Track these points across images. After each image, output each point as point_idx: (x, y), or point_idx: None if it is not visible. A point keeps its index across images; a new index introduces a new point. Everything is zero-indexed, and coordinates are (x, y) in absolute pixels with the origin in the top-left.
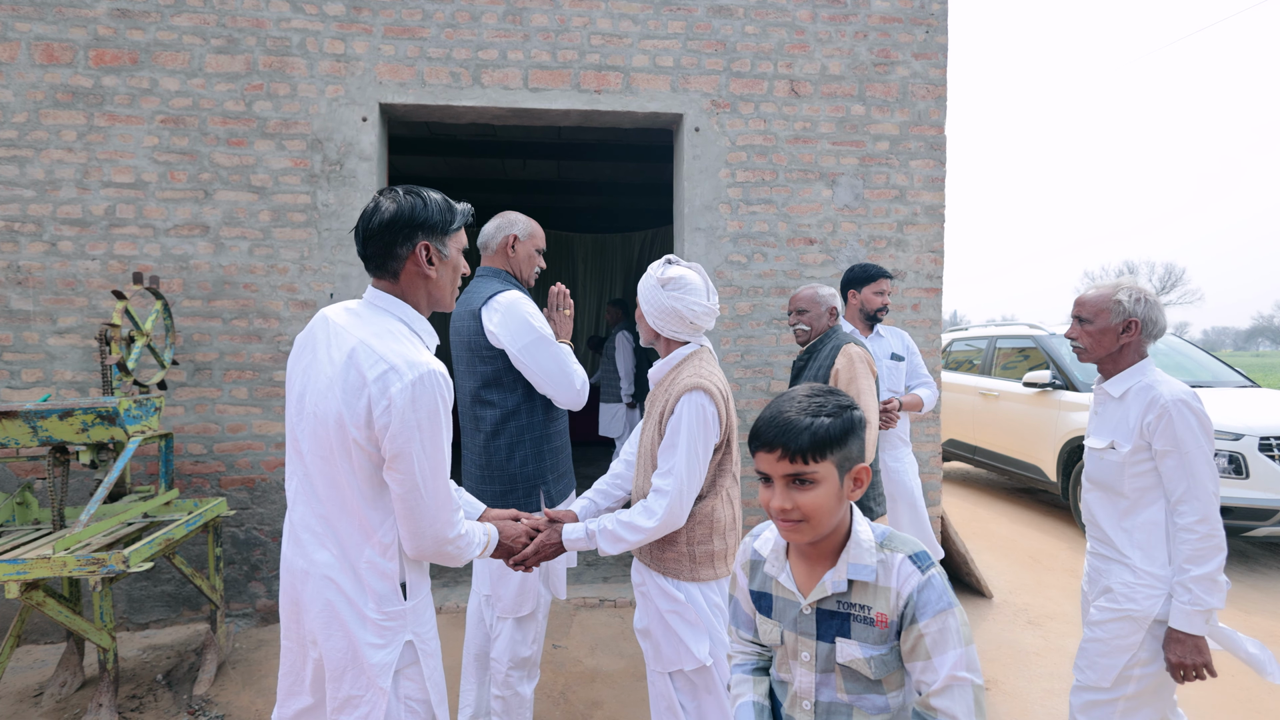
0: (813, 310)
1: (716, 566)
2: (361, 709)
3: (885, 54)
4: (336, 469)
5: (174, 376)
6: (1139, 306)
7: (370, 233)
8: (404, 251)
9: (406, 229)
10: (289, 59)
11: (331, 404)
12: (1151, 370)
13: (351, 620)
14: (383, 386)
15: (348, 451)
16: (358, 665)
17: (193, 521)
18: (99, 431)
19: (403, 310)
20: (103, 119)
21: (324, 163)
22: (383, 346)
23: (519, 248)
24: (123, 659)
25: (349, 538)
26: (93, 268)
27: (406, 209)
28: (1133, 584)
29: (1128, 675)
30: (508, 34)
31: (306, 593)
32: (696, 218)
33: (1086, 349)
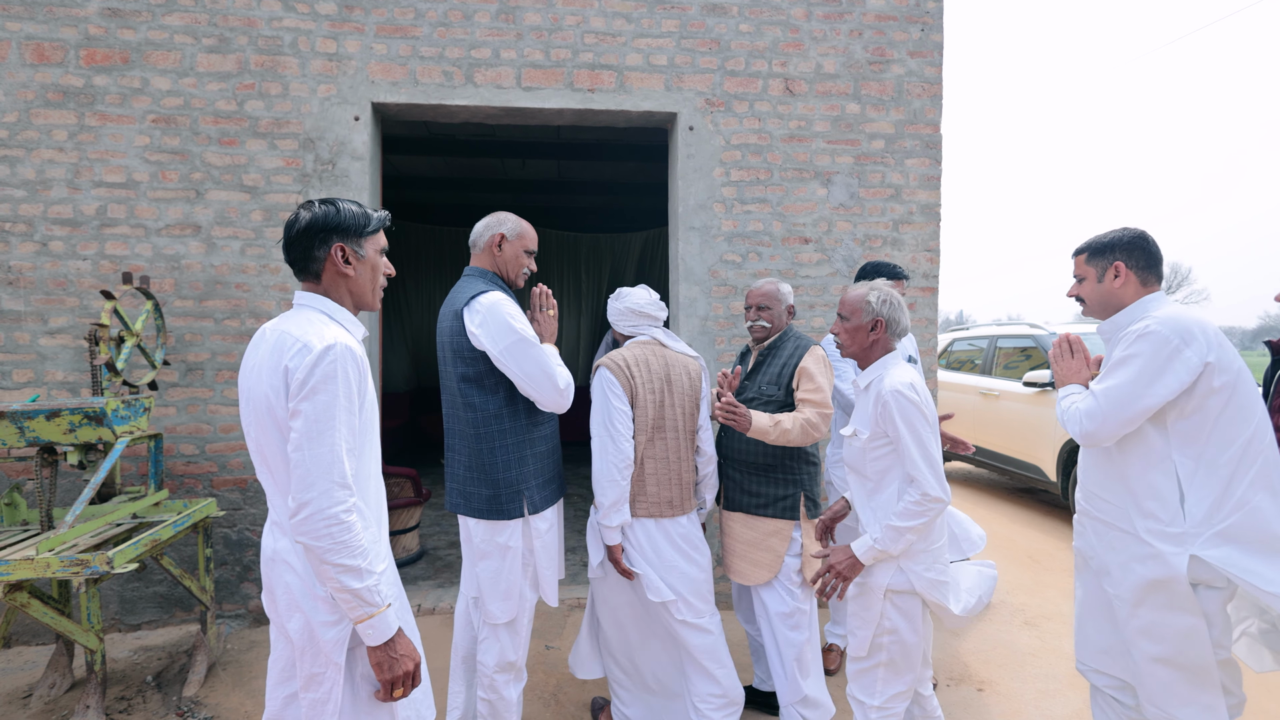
0: (775, 307)
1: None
2: (324, 686)
3: (880, 52)
4: (276, 452)
5: (166, 377)
6: (884, 308)
7: (291, 240)
8: (321, 254)
9: (322, 233)
10: (281, 58)
11: (260, 388)
12: (892, 364)
13: (304, 599)
14: (298, 361)
15: (280, 431)
16: (314, 643)
17: (181, 522)
18: (86, 432)
19: (323, 303)
20: (94, 119)
21: (316, 162)
22: (299, 330)
23: (505, 247)
24: (113, 660)
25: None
26: (84, 268)
27: (320, 215)
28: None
29: (879, 644)
30: (500, 33)
31: (274, 578)
32: (691, 217)
33: (845, 344)
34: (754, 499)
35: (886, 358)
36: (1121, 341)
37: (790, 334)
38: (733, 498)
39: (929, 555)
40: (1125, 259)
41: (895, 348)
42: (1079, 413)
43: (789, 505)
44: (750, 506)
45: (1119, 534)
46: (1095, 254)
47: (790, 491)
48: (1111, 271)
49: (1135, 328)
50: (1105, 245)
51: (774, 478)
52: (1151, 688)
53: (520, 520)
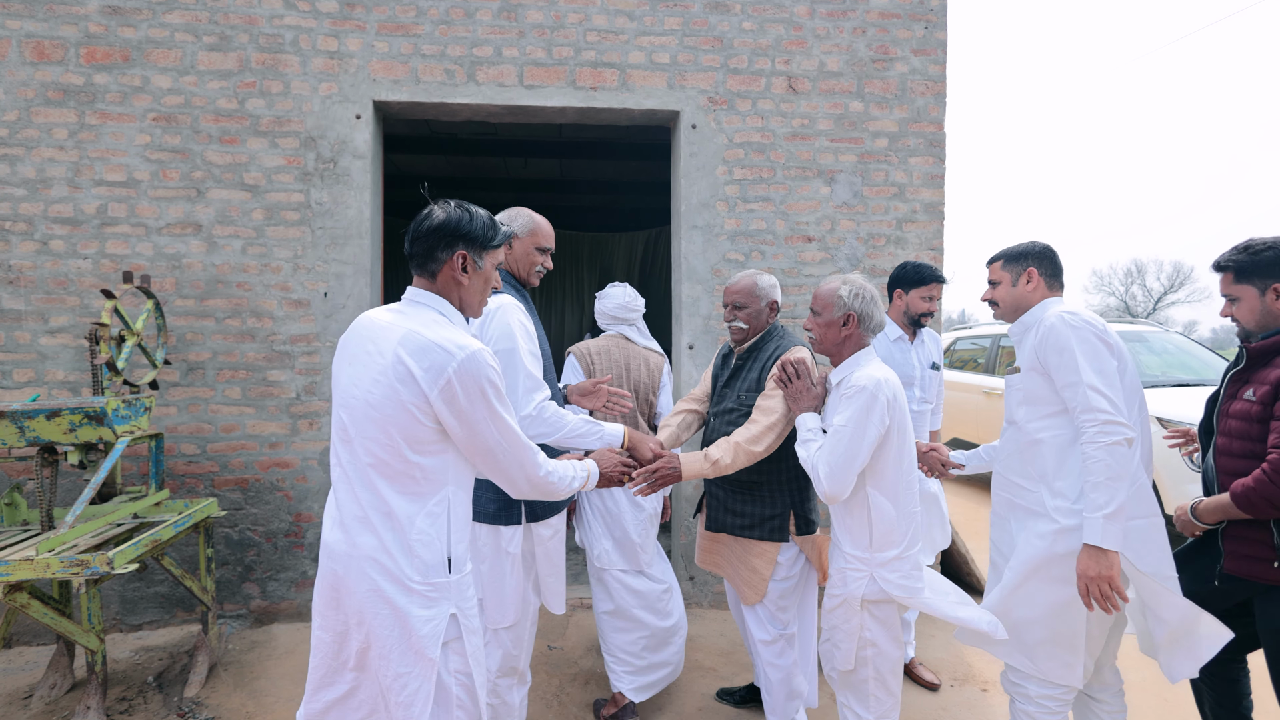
0: (751, 305)
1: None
2: (411, 685)
3: (884, 50)
4: (391, 449)
5: (167, 376)
6: (857, 302)
7: (417, 235)
8: (443, 256)
9: (449, 237)
10: (282, 56)
11: (384, 389)
12: (864, 361)
13: (397, 594)
14: (439, 369)
15: (404, 429)
16: (406, 639)
17: (182, 522)
18: (87, 432)
19: (440, 304)
20: (94, 117)
21: (317, 161)
22: (430, 333)
23: (516, 245)
24: (115, 660)
25: (401, 512)
26: (85, 267)
27: (454, 219)
28: (844, 569)
29: (863, 656)
30: (502, 30)
31: (351, 576)
32: (693, 215)
33: (818, 339)
34: (739, 519)
35: (859, 354)
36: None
37: (774, 333)
38: (716, 517)
39: (904, 562)
40: (1037, 265)
41: (869, 344)
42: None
43: (777, 526)
44: (735, 527)
45: (1028, 513)
46: (1010, 260)
47: (777, 511)
48: (1025, 277)
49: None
50: (1020, 253)
51: (758, 496)
52: (1025, 642)
53: (521, 526)
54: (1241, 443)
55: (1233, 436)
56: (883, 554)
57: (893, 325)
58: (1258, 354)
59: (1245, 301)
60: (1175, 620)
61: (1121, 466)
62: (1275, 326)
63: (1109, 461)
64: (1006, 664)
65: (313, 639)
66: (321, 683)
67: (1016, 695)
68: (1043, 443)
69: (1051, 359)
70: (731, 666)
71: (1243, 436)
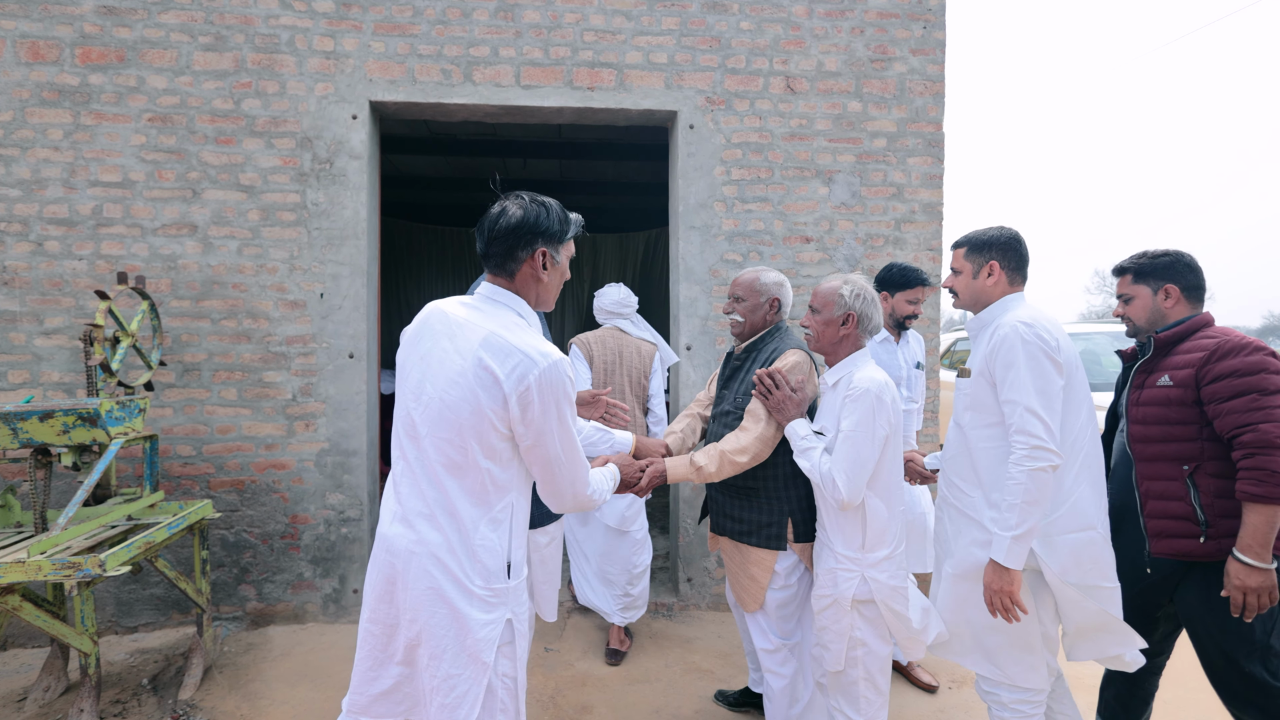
0: (750, 299)
1: None
2: (460, 687)
3: (882, 50)
4: (463, 451)
5: (162, 377)
6: (858, 302)
7: (495, 235)
8: (524, 254)
9: (529, 235)
10: (278, 56)
11: (463, 391)
12: (861, 363)
13: (458, 597)
14: (521, 374)
15: (479, 434)
16: (461, 641)
17: (175, 524)
18: (80, 433)
19: (519, 305)
20: (89, 117)
21: (313, 161)
22: (513, 338)
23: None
24: (110, 663)
25: (466, 515)
26: (80, 268)
27: (532, 216)
28: (834, 569)
29: (853, 657)
30: (499, 30)
31: (411, 571)
32: (691, 216)
33: (815, 337)
34: (736, 524)
35: (855, 355)
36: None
37: (775, 334)
38: (717, 521)
39: (891, 562)
40: (1000, 259)
41: (865, 345)
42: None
43: (774, 534)
44: (734, 532)
45: (968, 521)
46: (974, 250)
47: (775, 518)
48: (986, 269)
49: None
50: (984, 243)
51: (756, 502)
52: (987, 648)
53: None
54: (1158, 428)
55: (1148, 423)
56: (874, 554)
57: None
58: (1163, 343)
59: (1139, 300)
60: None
61: (1041, 492)
62: (1162, 324)
63: (1029, 486)
64: (978, 673)
65: (360, 630)
66: (367, 675)
67: (992, 704)
68: (983, 451)
69: (999, 371)
70: (729, 669)
71: (1159, 421)
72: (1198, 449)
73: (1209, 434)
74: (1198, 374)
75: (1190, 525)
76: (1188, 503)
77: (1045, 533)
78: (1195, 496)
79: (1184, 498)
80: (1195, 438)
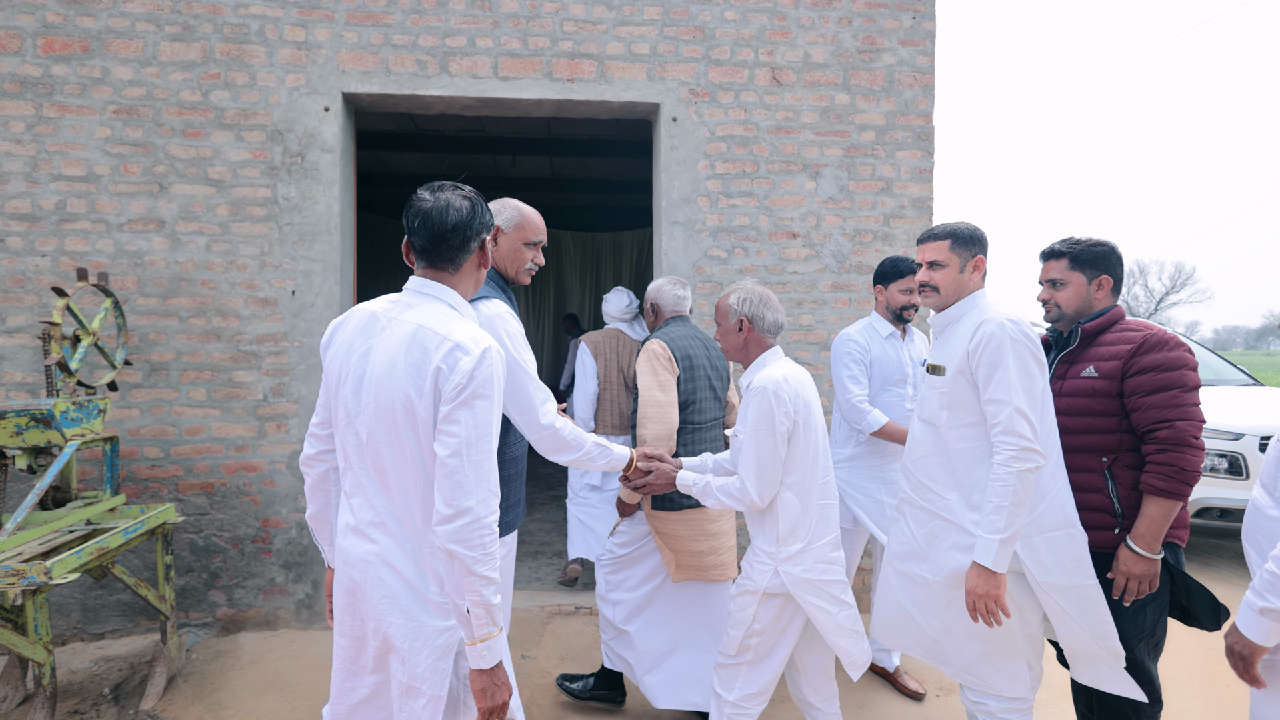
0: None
1: None
2: (425, 694)
3: (870, 41)
4: (404, 451)
5: (129, 377)
6: (745, 306)
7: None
8: (475, 245)
9: (480, 225)
10: (247, 46)
11: (396, 386)
12: (768, 361)
13: (413, 604)
14: (451, 362)
15: (415, 431)
16: (422, 648)
17: (133, 529)
18: (34, 435)
19: (450, 296)
20: (52, 109)
21: (285, 155)
22: (443, 327)
23: (502, 240)
24: (72, 671)
25: (414, 520)
26: (43, 264)
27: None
28: (752, 563)
29: (746, 645)
30: (476, 20)
31: (367, 582)
32: (674, 211)
33: (725, 349)
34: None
35: (764, 355)
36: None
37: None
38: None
39: (807, 555)
40: (984, 254)
41: (773, 344)
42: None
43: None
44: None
45: (942, 523)
46: (962, 243)
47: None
48: (973, 264)
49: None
50: (973, 236)
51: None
52: (967, 658)
53: None
54: (1079, 419)
55: (1069, 414)
56: (787, 548)
57: (883, 323)
58: (1089, 334)
59: (1073, 287)
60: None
61: (1027, 494)
62: (1089, 314)
63: (1017, 488)
64: (962, 684)
65: (335, 643)
66: (344, 686)
67: (980, 713)
68: (962, 452)
69: (983, 370)
70: None
71: (1081, 412)
72: (1117, 441)
73: (1128, 426)
74: (1124, 366)
75: (1107, 517)
76: (1105, 494)
77: (1025, 533)
78: (1113, 489)
79: (1101, 489)
80: (1116, 429)
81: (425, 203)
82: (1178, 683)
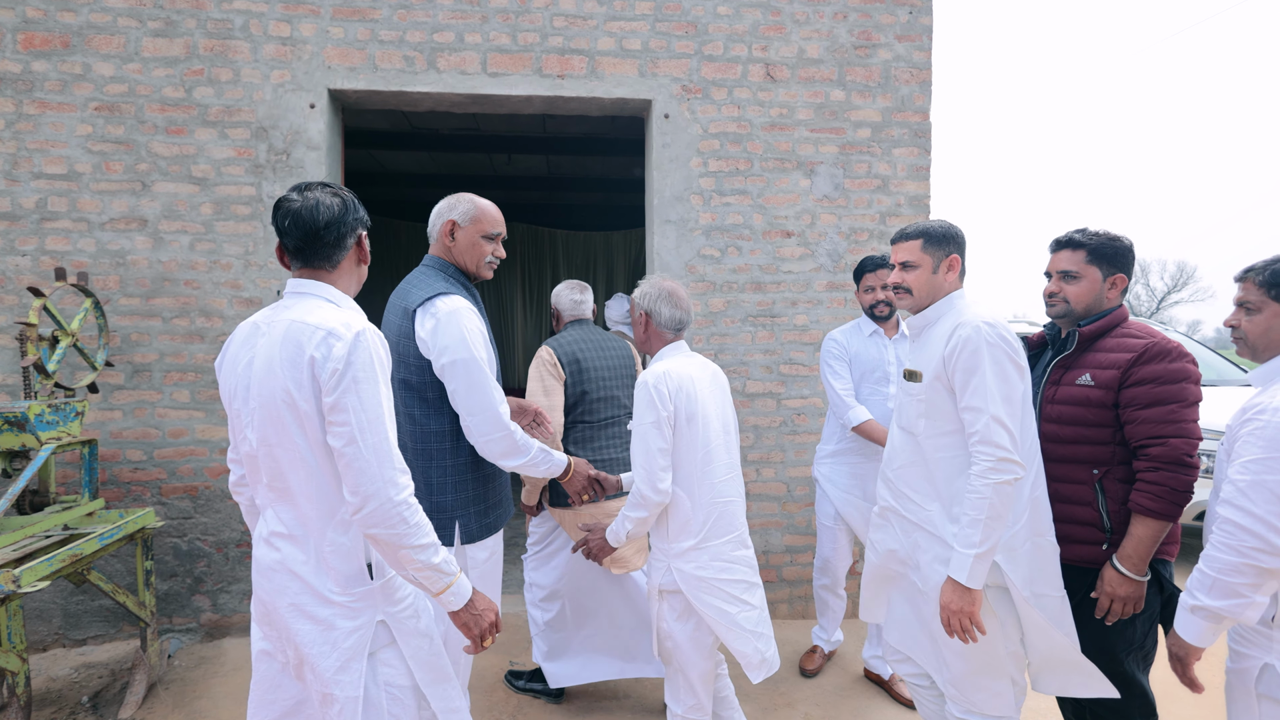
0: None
1: None
2: (335, 706)
3: (866, 36)
4: (294, 452)
5: (110, 379)
6: (645, 301)
7: (322, 226)
8: (351, 241)
9: (354, 221)
10: (231, 42)
11: (275, 384)
12: (664, 356)
13: (319, 608)
14: (325, 350)
15: (302, 427)
16: (330, 652)
17: (110, 535)
18: (8, 438)
19: (328, 291)
20: (32, 106)
21: (269, 152)
22: (314, 317)
23: (459, 235)
24: (52, 679)
25: (310, 521)
26: (23, 264)
27: (350, 201)
28: (652, 560)
29: (664, 649)
30: (464, 15)
31: (274, 590)
32: (667, 209)
33: (636, 341)
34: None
35: (663, 349)
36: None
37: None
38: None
39: (700, 553)
40: (960, 254)
41: (673, 339)
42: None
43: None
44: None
45: (925, 535)
46: (934, 242)
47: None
48: (947, 264)
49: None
50: (945, 235)
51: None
52: (954, 673)
53: (453, 548)
54: (1072, 428)
55: (1062, 422)
56: (679, 544)
57: (866, 321)
58: (1087, 338)
59: (1087, 282)
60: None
61: (1005, 507)
62: (1096, 312)
63: (994, 501)
64: (949, 702)
65: (253, 656)
66: (265, 699)
67: None
68: (941, 462)
69: (959, 377)
70: None
71: (1074, 421)
72: (1109, 453)
73: (1121, 438)
74: (1122, 376)
75: (1095, 532)
76: (1094, 508)
77: (1008, 545)
78: (1103, 502)
79: (1091, 503)
80: (1109, 441)
81: (294, 202)
82: (1178, 691)
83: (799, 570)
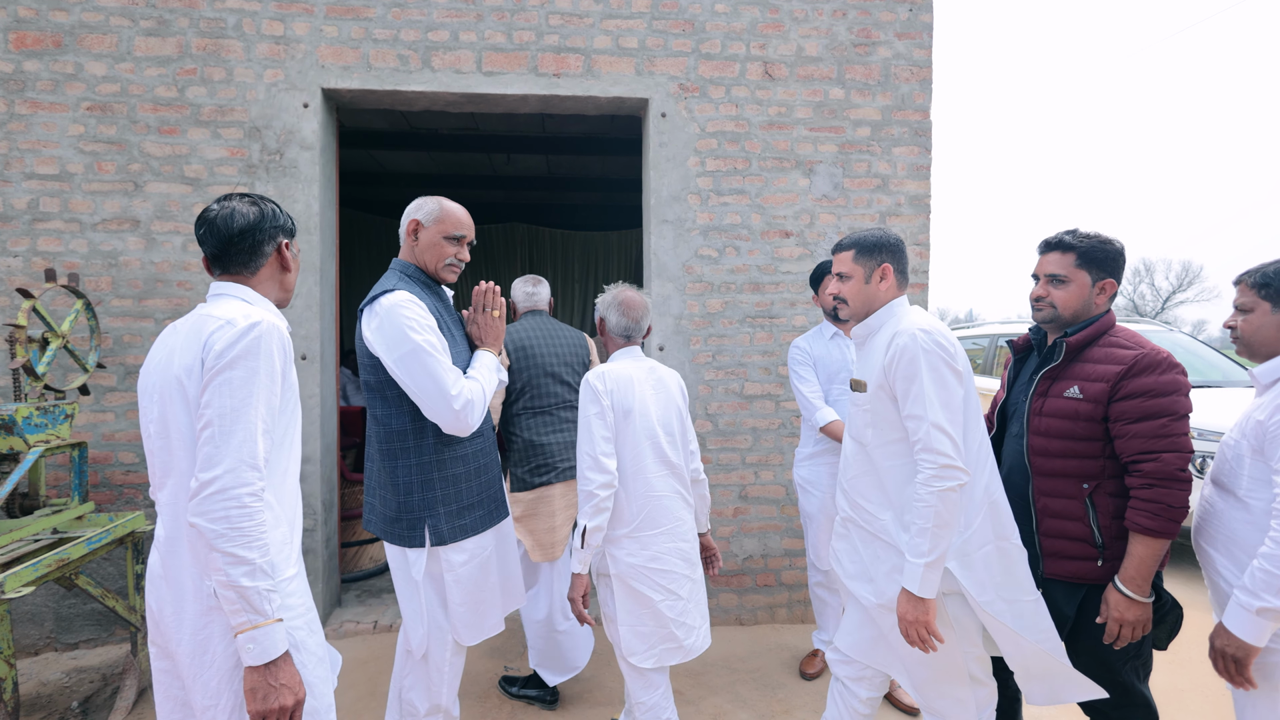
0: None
1: None
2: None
3: (866, 34)
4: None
5: (103, 380)
6: (600, 306)
7: (235, 234)
8: (269, 249)
9: (271, 229)
10: (224, 41)
11: (171, 372)
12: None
13: (198, 616)
14: (218, 336)
15: (188, 410)
16: (209, 666)
17: (98, 539)
18: None
19: (245, 293)
20: (24, 106)
21: (263, 152)
22: (221, 310)
23: (422, 235)
24: (42, 683)
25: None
26: (14, 265)
27: (268, 211)
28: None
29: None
30: (459, 13)
31: (161, 595)
32: (664, 209)
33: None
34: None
35: (616, 352)
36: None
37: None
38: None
39: (633, 541)
40: (892, 261)
41: (624, 345)
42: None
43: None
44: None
45: (883, 545)
46: (865, 253)
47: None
48: (879, 273)
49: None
50: (875, 245)
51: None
52: (916, 680)
53: (425, 550)
54: (1061, 441)
55: (1050, 435)
56: (614, 532)
57: (827, 325)
58: (1074, 348)
59: (1076, 286)
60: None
61: (951, 514)
62: (1085, 318)
63: (939, 509)
64: (922, 711)
65: (152, 669)
66: (170, 714)
67: None
68: (890, 470)
69: (899, 385)
70: (698, 690)
71: (1063, 435)
72: (1099, 467)
73: (1111, 451)
74: (1112, 389)
75: (1087, 547)
76: (1085, 523)
77: (962, 550)
78: (1094, 518)
79: (1082, 518)
80: (1099, 455)
81: (211, 212)
82: (1185, 696)
83: (798, 574)
